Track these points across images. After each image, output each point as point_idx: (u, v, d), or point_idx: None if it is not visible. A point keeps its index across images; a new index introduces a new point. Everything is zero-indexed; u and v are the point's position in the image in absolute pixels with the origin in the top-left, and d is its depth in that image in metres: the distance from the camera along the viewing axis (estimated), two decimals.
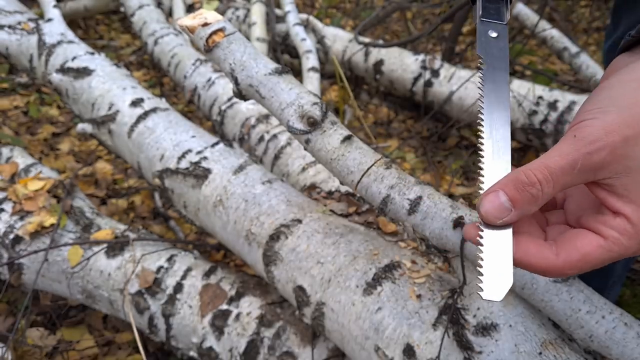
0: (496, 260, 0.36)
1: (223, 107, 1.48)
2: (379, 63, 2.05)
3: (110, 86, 1.22)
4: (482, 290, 0.36)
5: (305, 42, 1.97)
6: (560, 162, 0.34)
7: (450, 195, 1.65)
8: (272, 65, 0.73)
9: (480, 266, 0.36)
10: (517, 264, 0.36)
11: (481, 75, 0.43)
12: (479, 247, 0.37)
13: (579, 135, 0.34)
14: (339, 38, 2.22)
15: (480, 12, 0.45)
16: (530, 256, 0.35)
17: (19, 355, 0.99)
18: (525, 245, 0.36)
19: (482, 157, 0.40)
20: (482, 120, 0.41)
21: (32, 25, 1.55)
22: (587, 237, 0.35)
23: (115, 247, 1.03)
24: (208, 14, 0.75)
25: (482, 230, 0.37)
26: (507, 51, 0.44)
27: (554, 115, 1.59)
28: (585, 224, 0.36)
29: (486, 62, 0.44)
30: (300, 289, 0.78)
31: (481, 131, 0.41)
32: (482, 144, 0.40)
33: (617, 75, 0.37)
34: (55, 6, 1.58)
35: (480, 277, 0.36)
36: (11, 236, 1.05)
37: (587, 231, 0.35)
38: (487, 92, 0.42)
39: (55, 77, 1.31)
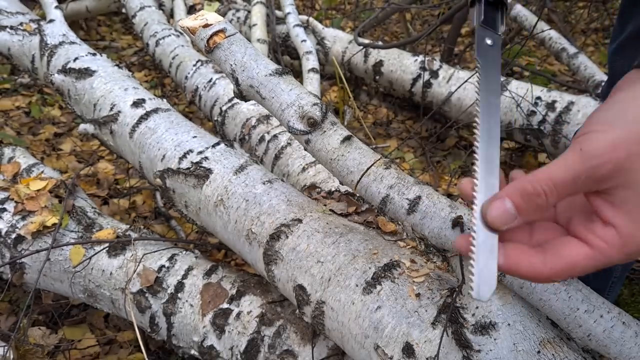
0: (484, 264, 0.38)
1: (224, 108, 1.49)
2: (379, 64, 2.06)
3: (111, 87, 1.23)
4: (472, 289, 0.37)
5: (305, 44, 1.98)
6: (565, 176, 0.35)
7: (449, 195, 1.66)
8: (273, 66, 0.73)
9: (471, 270, 0.38)
10: (506, 271, 0.37)
11: (478, 81, 0.45)
12: (472, 249, 0.38)
13: (584, 148, 0.35)
14: (338, 39, 2.23)
15: (482, 17, 0.46)
16: (520, 265, 0.37)
17: (21, 354, 0.99)
18: (515, 254, 0.37)
19: (476, 171, 0.42)
20: (477, 132, 0.44)
21: (34, 26, 1.56)
22: (574, 247, 0.36)
23: (117, 246, 1.04)
24: (209, 15, 0.76)
25: (474, 238, 0.38)
26: (499, 61, 0.45)
27: (552, 116, 1.60)
28: (574, 231, 0.37)
29: (482, 70, 0.45)
30: (300, 288, 0.78)
31: (476, 144, 0.43)
32: (475, 158, 0.42)
33: (628, 90, 0.38)
34: (56, 7, 1.58)
35: (471, 277, 0.38)
36: (13, 236, 1.06)
37: (575, 240, 0.36)
38: (482, 100, 0.44)
39: (57, 78, 1.31)
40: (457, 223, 0.63)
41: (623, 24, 0.78)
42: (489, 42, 0.46)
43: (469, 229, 0.62)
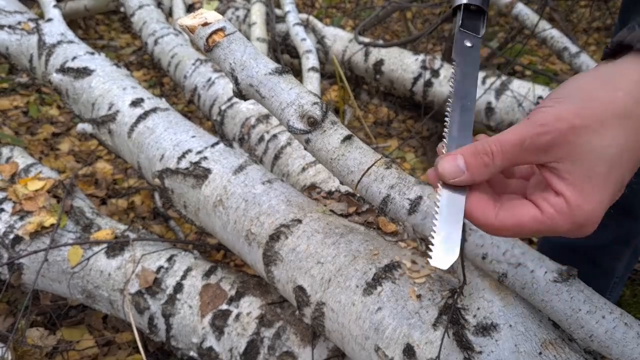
0: (447, 232, 0.41)
1: (223, 107, 1.48)
2: (379, 63, 2.05)
3: (110, 86, 1.22)
4: (431, 258, 0.40)
5: (305, 42, 1.97)
6: (511, 138, 0.38)
7: None
8: (272, 65, 0.73)
9: (432, 235, 0.41)
10: (465, 215, 0.41)
11: (452, 77, 0.48)
12: (434, 216, 0.41)
13: (532, 118, 0.38)
14: (339, 38, 2.22)
15: (460, 23, 0.50)
16: (474, 210, 0.40)
17: (19, 355, 0.99)
18: (475, 201, 0.41)
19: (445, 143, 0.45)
20: (447, 121, 0.47)
21: (32, 25, 1.55)
22: (526, 208, 0.39)
23: (115, 247, 1.03)
24: (208, 14, 0.75)
25: (441, 193, 0.42)
26: (478, 60, 0.49)
27: None
28: (530, 196, 0.40)
29: (459, 67, 0.49)
30: (300, 289, 0.78)
31: (444, 133, 0.46)
32: (444, 139, 0.46)
33: (589, 73, 0.40)
34: (55, 6, 1.58)
35: (430, 246, 0.41)
36: (11, 236, 1.05)
37: (529, 203, 0.39)
38: (456, 93, 0.48)
39: (56, 77, 1.31)
40: None
41: (623, 22, 0.79)
42: (468, 44, 0.50)
43: (470, 229, 0.62)
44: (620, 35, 0.39)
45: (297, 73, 2.00)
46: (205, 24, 0.73)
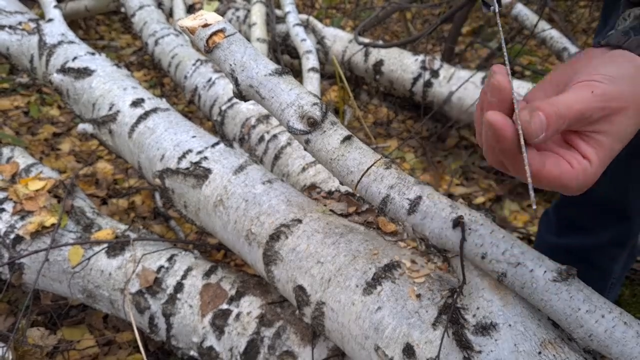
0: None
1: (223, 108, 1.49)
2: (379, 63, 2.06)
3: (110, 86, 1.23)
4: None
5: (305, 43, 1.98)
6: (579, 107, 0.42)
7: (450, 195, 1.65)
8: (272, 66, 0.73)
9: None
10: (543, 177, 0.44)
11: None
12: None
13: (596, 92, 0.42)
14: (338, 38, 2.22)
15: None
16: (554, 168, 0.44)
17: (20, 355, 0.99)
18: (554, 161, 0.44)
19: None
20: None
21: (32, 25, 1.56)
22: (564, 163, 0.44)
23: (116, 246, 1.04)
24: (208, 15, 0.75)
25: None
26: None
27: None
28: (563, 154, 0.45)
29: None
30: (300, 289, 0.78)
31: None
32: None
33: (624, 56, 0.45)
34: (55, 6, 1.58)
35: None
36: (12, 236, 1.06)
37: (563, 159, 0.44)
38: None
39: (56, 78, 1.31)
40: (458, 223, 0.63)
41: (606, 18, 0.80)
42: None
43: (470, 228, 0.62)
44: (615, 39, 0.45)
45: (297, 73, 2.00)
46: (205, 25, 0.73)
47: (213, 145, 1.01)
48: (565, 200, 1.00)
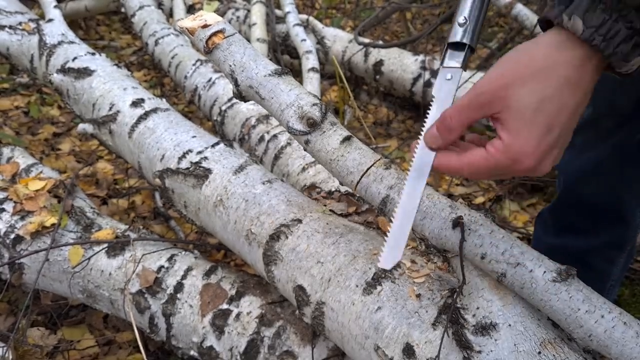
0: (397, 236, 0.53)
1: (223, 108, 1.49)
2: (379, 63, 2.06)
3: (111, 86, 1.23)
4: (379, 261, 0.52)
5: (305, 43, 1.98)
6: (461, 102, 0.49)
7: (450, 195, 1.65)
8: (272, 66, 0.73)
9: (385, 240, 0.52)
10: (435, 167, 0.52)
11: (427, 113, 0.55)
12: (390, 222, 0.54)
13: (475, 84, 0.49)
14: (338, 39, 2.22)
15: (442, 61, 0.56)
16: (440, 160, 0.51)
17: (20, 354, 0.99)
18: (440, 155, 0.52)
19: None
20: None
21: (32, 25, 1.56)
22: (477, 150, 0.49)
23: (116, 246, 1.04)
24: (208, 16, 0.76)
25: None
26: (454, 91, 0.54)
27: None
28: (479, 143, 0.51)
29: (436, 102, 0.55)
30: (300, 289, 0.78)
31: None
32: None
33: (529, 42, 0.49)
34: (55, 7, 1.58)
35: (382, 248, 0.52)
36: (12, 236, 1.06)
37: (479, 148, 0.50)
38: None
39: (56, 78, 1.31)
40: (458, 224, 0.63)
41: None
42: (448, 77, 0.54)
43: (469, 229, 0.62)
44: (545, 12, 0.47)
45: (297, 74, 2.00)
46: (204, 26, 0.74)
47: (213, 145, 1.01)
48: (562, 202, 1.00)
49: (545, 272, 0.59)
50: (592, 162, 0.88)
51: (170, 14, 2.46)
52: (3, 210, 1.09)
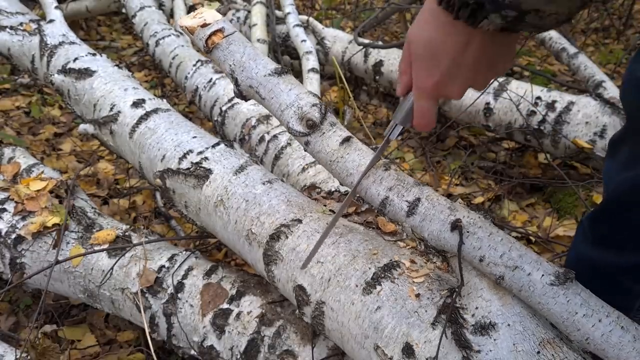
0: None
1: (224, 108, 1.49)
2: (379, 64, 2.06)
3: (111, 87, 1.23)
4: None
5: (305, 44, 1.98)
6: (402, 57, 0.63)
7: (449, 195, 1.66)
8: (272, 65, 0.73)
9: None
10: (415, 125, 0.63)
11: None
12: None
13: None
14: (338, 39, 2.23)
15: (390, 134, 0.65)
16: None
17: (40, 352, 0.98)
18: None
19: None
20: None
21: (33, 26, 1.56)
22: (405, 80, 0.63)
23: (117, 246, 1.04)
24: (207, 14, 0.75)
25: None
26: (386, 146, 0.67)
27: (552, 116, 1.59)
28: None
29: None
30: (300, 288, 0.78)
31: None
32: None
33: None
34: (56, 7, 1.59)
35: None
36: (13, 236, 1.06)
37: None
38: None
39: (57, 78, 1.31)
40: (456, 226, 0.63)
41: None
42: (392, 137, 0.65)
43: (468, 231, 0.63)
44: None
45: (297, 74, 2.01)
46: (204, 25, 0.74)
47: (214, 146, 1.02)
48: (602, 212, 0.95)
49: (543, 275, 0.60)
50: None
51: (171, 15, 2.46)
52: (4, 210, 1.10)
